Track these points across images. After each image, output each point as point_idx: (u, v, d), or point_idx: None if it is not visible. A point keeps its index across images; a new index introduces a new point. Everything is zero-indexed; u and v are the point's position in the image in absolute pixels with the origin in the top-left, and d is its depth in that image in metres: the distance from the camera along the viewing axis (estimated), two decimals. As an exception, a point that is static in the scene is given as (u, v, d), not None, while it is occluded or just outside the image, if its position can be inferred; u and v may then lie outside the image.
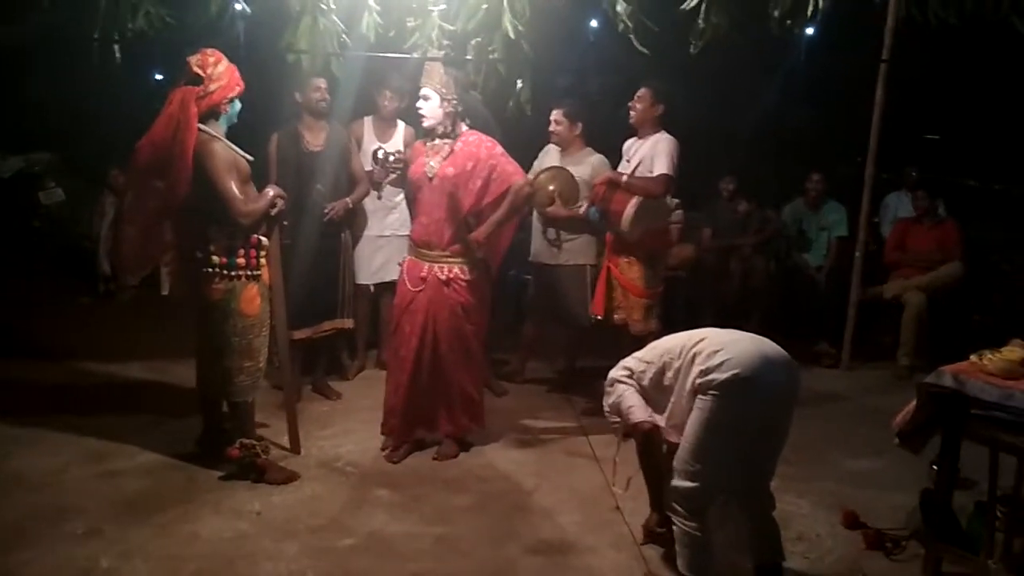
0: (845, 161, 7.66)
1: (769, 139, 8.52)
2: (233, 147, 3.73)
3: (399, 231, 5.22)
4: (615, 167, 4.82)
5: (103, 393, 5.09)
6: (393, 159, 5.12)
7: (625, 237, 4.56)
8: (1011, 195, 8.04)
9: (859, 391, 5.53)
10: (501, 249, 4.33)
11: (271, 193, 3.79)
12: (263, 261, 3.82)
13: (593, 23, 7.45)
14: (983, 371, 2.99)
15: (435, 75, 4.04)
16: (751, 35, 4.61)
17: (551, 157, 5.16)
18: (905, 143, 7.89)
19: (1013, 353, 3.00)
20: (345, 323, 5.08)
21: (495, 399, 5.02)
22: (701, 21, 4.38)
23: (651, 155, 4.52)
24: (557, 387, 5.37)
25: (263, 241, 3.80)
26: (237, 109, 3.80)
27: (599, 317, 4.82)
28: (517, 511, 3.72)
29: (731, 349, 2.88)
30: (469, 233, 4.06)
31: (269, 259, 3.86)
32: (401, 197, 5.26)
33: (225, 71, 3.70)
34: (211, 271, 3.71)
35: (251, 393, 3.91)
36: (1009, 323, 5.17)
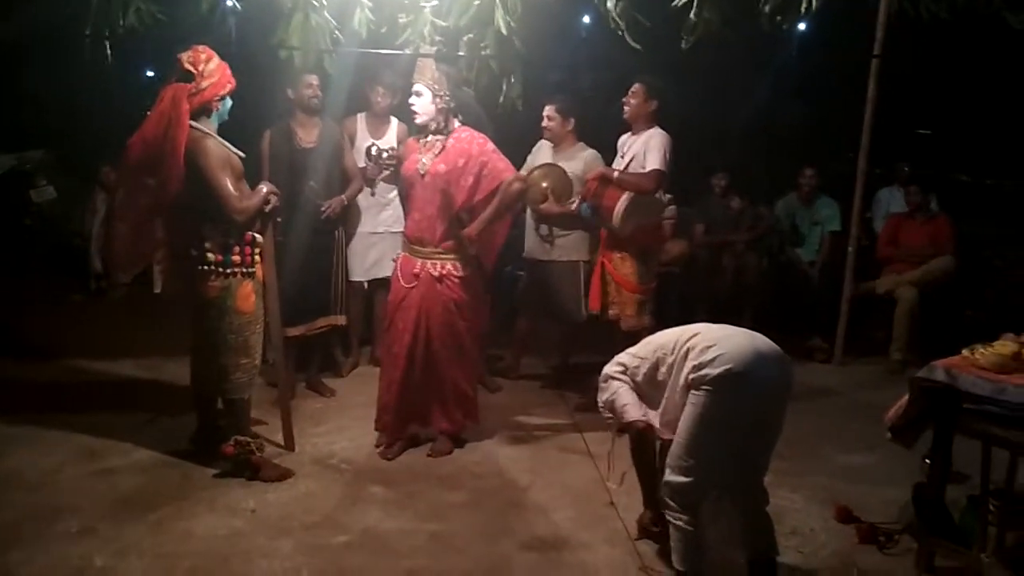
0: (837, 156, 7.67)
1: (762, 135, 8.51)
2: (226, 144, 3.73)
3: (392, 228, 5.22)
4: (609, 163, 4.82)
5: (96, 391, 5.08)
6: (386, 155, 5.10)
7: (617, 233, 4.57)
8: (1003, 190, 8.06)
9: (852, 386, 5.54)
10: (496, 246, 4.33)
11: (264, 190, 3.79)
12: (258, 258, 3.83)
13: (586, 19, 7.44)
14: (975, 365, 3.01)
15: (427, 71, 4.04)
16: (743, 31, 4.62)
17: (544, 153, 5.15)
18: (897, 138, 7.91)
19: (1005, 347, 3.02)
20: (339, 320, 5.09)
21: (489, 395, 5.03)
22: (693, 16, 4.38)
23: (643, 151, 4.52)
24: (551, 383, 5.38)
25: (257, 238, 3.81)
26: (228, 106, 3.80)
27: (595, 312, 4.83)
28: (511, 507, 3.73)
29: (724, 344, 2.88)
30: (462, 229, 4.06)
31: (263, 256, 3.86)
32: (394, 194, 5.25)
33: (216, 68, 3.70)
34: (206, 269, 3.71)
35: (247, 390, 3.91)
36: (1001, 318, 5.19)
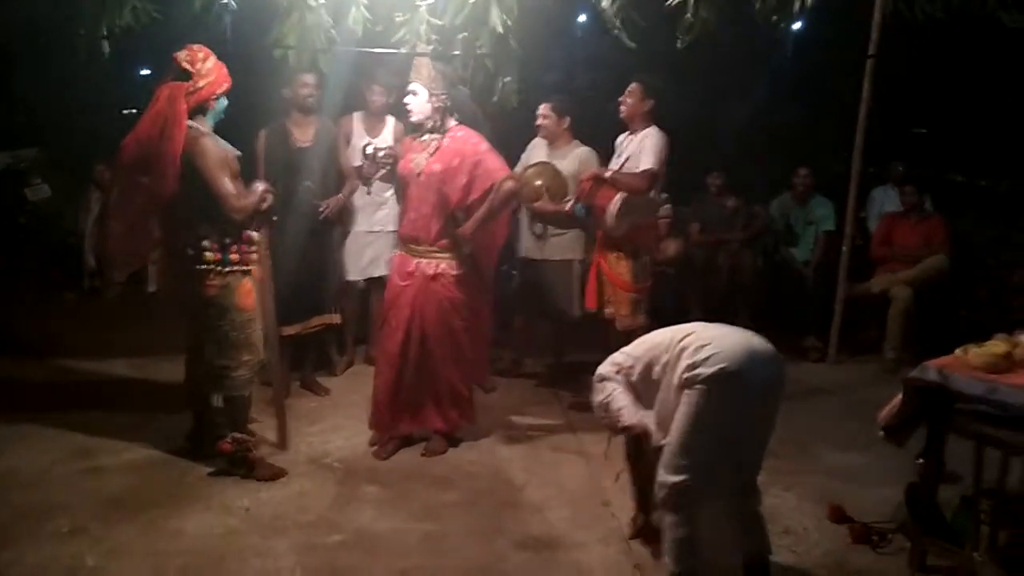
0: (832, 156, 7.67)
1: (757, 134, 8.52)
2: (223, 143, 3.72)
3: (388, 227, 5.22)
4: (605, 162, 4.82)
5: (88, 390, 5.07)
6: (383, 154, 5.10)
7: (611, 232, 4.57)
8: (997, 190, 8.07)
9: (846, 385, 5.54)
10: (496, 246, 4.34)
11: (260, 188, 3.78)
12: (254, 256, 3.82)
13: (582, 18, 7.43)
14: (968, 365, 3.01)
15: (423, 70, 4.04)
16: (740, 30, 4.62)
17: (538, 150, 5.16)
18: (892, 138, 7.91)
19: (997, 347, 3.02)
20: (333, 319, 5.08)
21: (483, 395, 5.01)
22: (690, 16, 4.38)
23: (638, 151, 4.51)
24: (545, 382, 5.37)
25: (254, 236, 3.80)
26: (224, 105, 3.79)
27: (592, 310, 4.83)
28: (505, 507, 3.72)
29: (718, 343, 2.88)
30: (457, 228, 4.06)
31: (259, 254, 3.86)
32: (391, 193, 5.25)
33: (214, 67, 3.69)
34: (205, 268, 3.69)
35: (249, 387, 3.90)
36: (994, 317, 5.20)
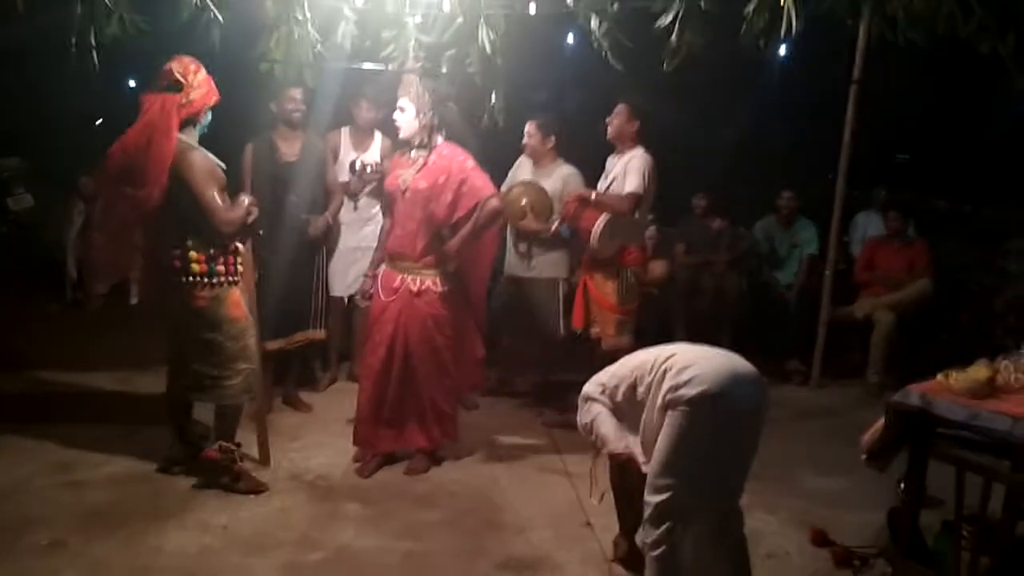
0: (816, 179, 7.72)
1: (742, 156, 8.58)
2: (210, 156, 3.72)
3: (374, 243, 5.19)
4: (592, 182, 4.84)
5: (69, 402, 5.03)
6: (370, 170, 5.10)
7: (596, 254, 4.58)
8: (980, 215, 8.14)
9: (829, 409, 5.56)
10: (484, 265, 4.35)
11: (246, 202, 3.77)
12: (240, 267, 3.81)
13: (570, 39, 7.46)
14: (950, 390, 3.02)
15: (412, 87, 4.05)
16: (726, 54, 4.65)
17: (524, 169, 5.19)
18: (876, 163, 7.97)
19: (979, 372, 3.04)
20: (317, 334, 5.05)
21: (466, 413, 4.99)
22: (675, 39, 4.40)
23: (623, 172, 4.55)
24: (529, 401, 5.36)
25: (240, 248, 3.80)
26: (209, 119, 3.79)
27: (578, 330, 4.83)
28: (487, 527, 3.70)
29: (701, 365, 2.88)
30: (443, 245, 4.06)
31: (244, 266, 3.85)
32: (377, 209, 5.22)
33: (204, 80, 3.71)
34: (192, 280, 3.67)
35: (242, 396, 3.88)
36: (976, 342, 5.23)
